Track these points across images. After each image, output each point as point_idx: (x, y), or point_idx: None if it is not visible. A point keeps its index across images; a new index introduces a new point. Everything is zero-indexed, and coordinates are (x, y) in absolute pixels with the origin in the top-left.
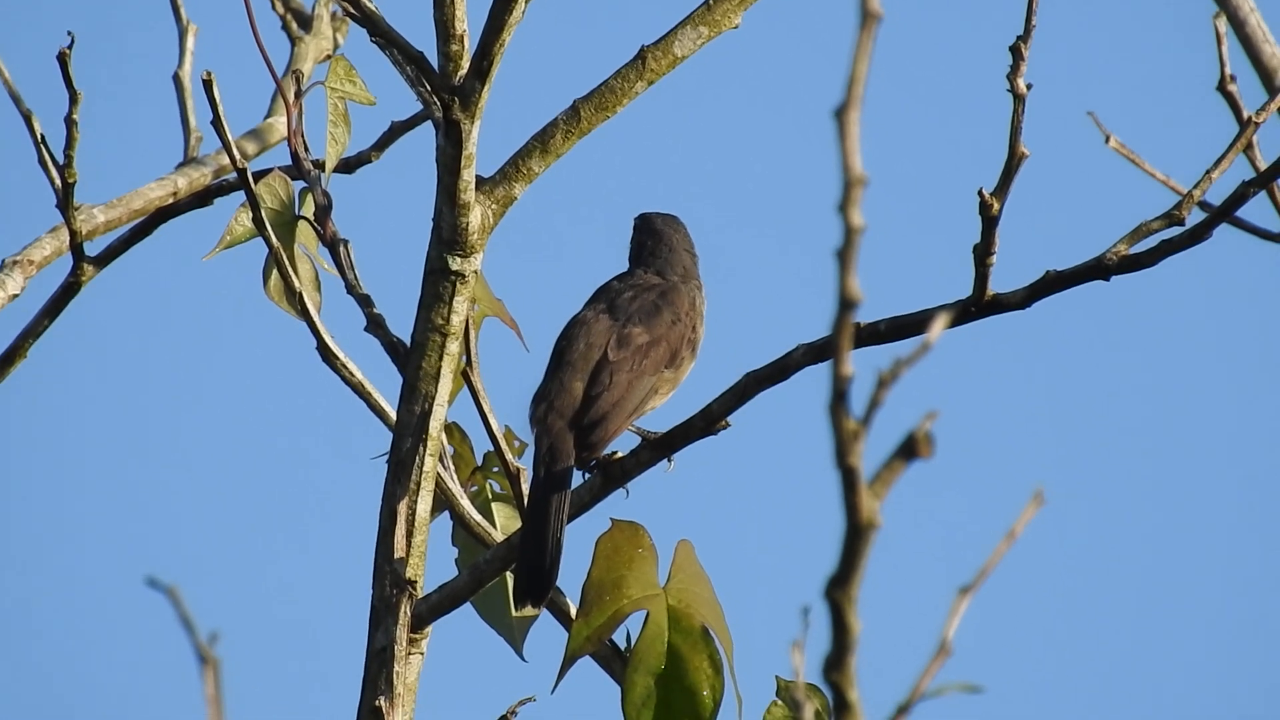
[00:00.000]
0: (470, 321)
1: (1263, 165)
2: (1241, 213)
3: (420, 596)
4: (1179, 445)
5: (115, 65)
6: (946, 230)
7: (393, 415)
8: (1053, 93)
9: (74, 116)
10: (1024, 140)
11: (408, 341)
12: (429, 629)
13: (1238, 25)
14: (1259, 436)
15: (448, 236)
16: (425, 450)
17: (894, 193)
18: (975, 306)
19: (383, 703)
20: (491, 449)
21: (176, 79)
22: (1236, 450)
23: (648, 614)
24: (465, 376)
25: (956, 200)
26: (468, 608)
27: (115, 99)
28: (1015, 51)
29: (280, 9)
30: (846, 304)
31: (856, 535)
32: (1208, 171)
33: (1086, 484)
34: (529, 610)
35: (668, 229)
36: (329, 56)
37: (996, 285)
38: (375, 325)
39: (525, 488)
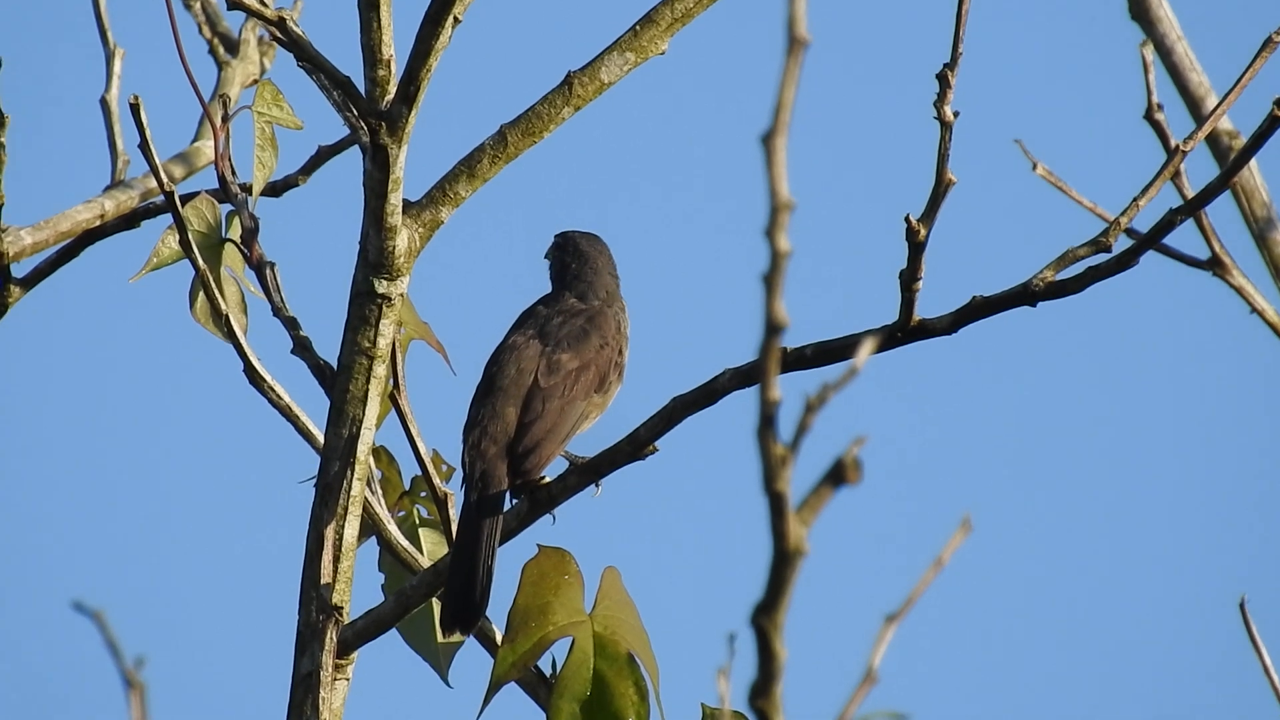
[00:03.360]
0: (397, 345)
1: (1190, 193)
2: (1169, 240)
3: (346, 622)
4: (1104, 471)
5: (43, 88)
6: (873, 255)
7: (320, 438)
8: (980, 120)
9: (1, 139)
10: (951, 167)
11: (334, 364)
12: (355, 654)
13: (1164, 54)
14: (1183, 462)
15: (374, 260)
16: (353, 474)
17: (821, 218)
18: (902, 332)
19: None
20: (419, 473)
21: (104, 102)
22: (1162, 475)
23: (573, 640)
24: (393, 400)
25: (883, 226)
26: (393, 633)
27: (43, 122)
28: (942, 79)
29: (207, 34)
30: (773, 328)
31: (783, 562)
32: (1135, 199)
33: (1014, 510)
34: (455, 636)
35: (592, 250)
36: (256, 81)
37: (923, 311)
38: (302, 348)
39: (453, 513)
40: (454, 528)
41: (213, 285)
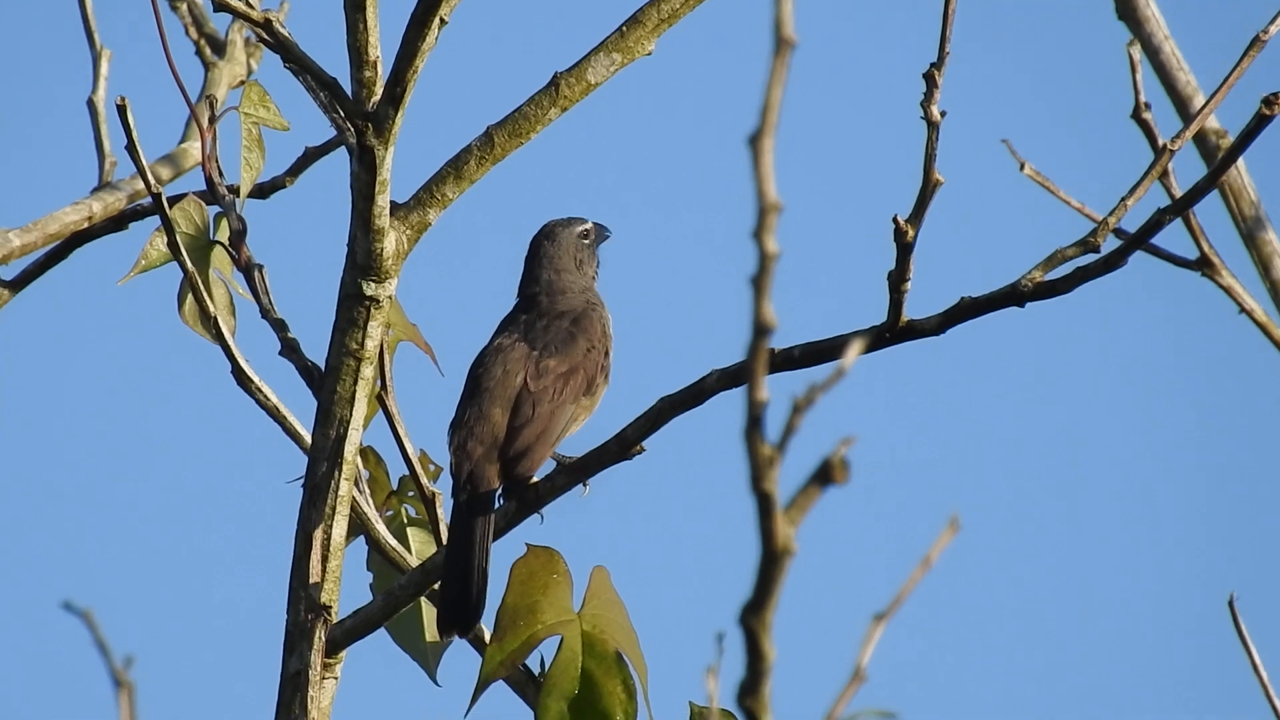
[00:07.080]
0: (385, 346)
1: (1178, 192)
2: (1157, 240)
3: (335, 621)
4: (1093, 470)
5: (29, 90)
6: (861, 256)
7: (308, 439)
8: (967, 120)
9: None
10: (939, 167)
11: (322, 366)
12: (343, 654)
13: (1152, 53)
14: (1172, 461)
15: (362, 262)
16: (340, 475)
17: (809, 219)
18: (890, 332)
19: None
20: (407, 473)
21: (91, 104)
22: (1149, 474)
23: (562, 639)
24: (380, 401)
25: (871, 226)
26: (382, 632)
27: (30, 124)
28: (929, 79)
29: (194, 35)
30: (761, 329)
31: (771, 561)
32: (1123, 198)
33: (1002, 509)
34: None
35: (551, 245)
36: (243, 82)
37: (911, 311)
38: (290, 350)
39: (441, 512)
40: (442, 527)
41: (201, 287)
